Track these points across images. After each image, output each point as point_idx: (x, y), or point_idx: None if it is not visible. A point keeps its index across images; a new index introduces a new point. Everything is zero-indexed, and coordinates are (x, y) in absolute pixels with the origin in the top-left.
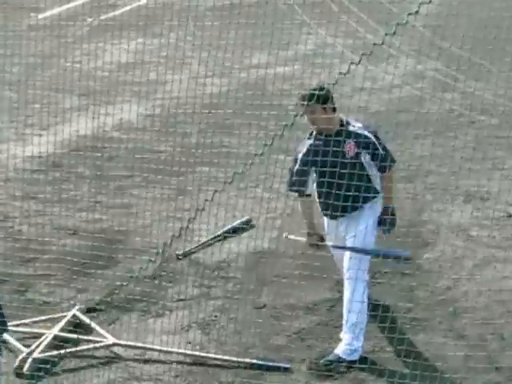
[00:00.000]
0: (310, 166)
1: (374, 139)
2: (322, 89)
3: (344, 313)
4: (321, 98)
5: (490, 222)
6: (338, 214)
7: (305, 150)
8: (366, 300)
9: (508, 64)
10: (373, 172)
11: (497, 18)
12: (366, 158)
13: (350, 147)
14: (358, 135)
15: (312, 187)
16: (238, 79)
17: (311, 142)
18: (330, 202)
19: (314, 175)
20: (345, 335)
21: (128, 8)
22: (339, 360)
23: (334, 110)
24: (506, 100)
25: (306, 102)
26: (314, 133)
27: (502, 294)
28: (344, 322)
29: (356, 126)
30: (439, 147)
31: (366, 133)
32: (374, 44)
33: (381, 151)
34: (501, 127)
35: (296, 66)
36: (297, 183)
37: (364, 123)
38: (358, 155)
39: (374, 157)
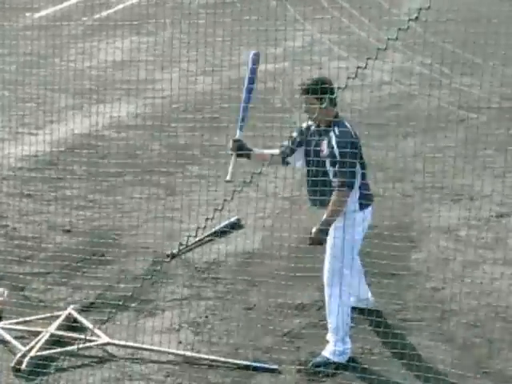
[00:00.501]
0: (300, 143)
1: (337, 152)
2: (319, 81)
3: (327, 316)
4: (314, 90)
5: (479, 222)
6: (315, 204)
7: (303, 127)
8: (347, 302)
9: (499, 60)
10: None
11: (489, 14)
12: (329, 165)
13: (322, 149)
14: (330, 140)
15: (295, 162)
16: (228, 77)
17: (310, 124)
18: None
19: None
20: (331, 337)
21: (122, 6)
22: (328, 362)
23: (333, 104)
24: (497, 97)
25: (302, 92)
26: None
27: (491, 296)
28: (328, 324)
29: (336, 131)
30: (428, 146)
31: (334, 142)
32: (378, 49)
33: (336, 167)
34: (490, 125)
35: (286, 63)
36: (285, 147)
37: (345, 129)
38: (326, 158)
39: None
